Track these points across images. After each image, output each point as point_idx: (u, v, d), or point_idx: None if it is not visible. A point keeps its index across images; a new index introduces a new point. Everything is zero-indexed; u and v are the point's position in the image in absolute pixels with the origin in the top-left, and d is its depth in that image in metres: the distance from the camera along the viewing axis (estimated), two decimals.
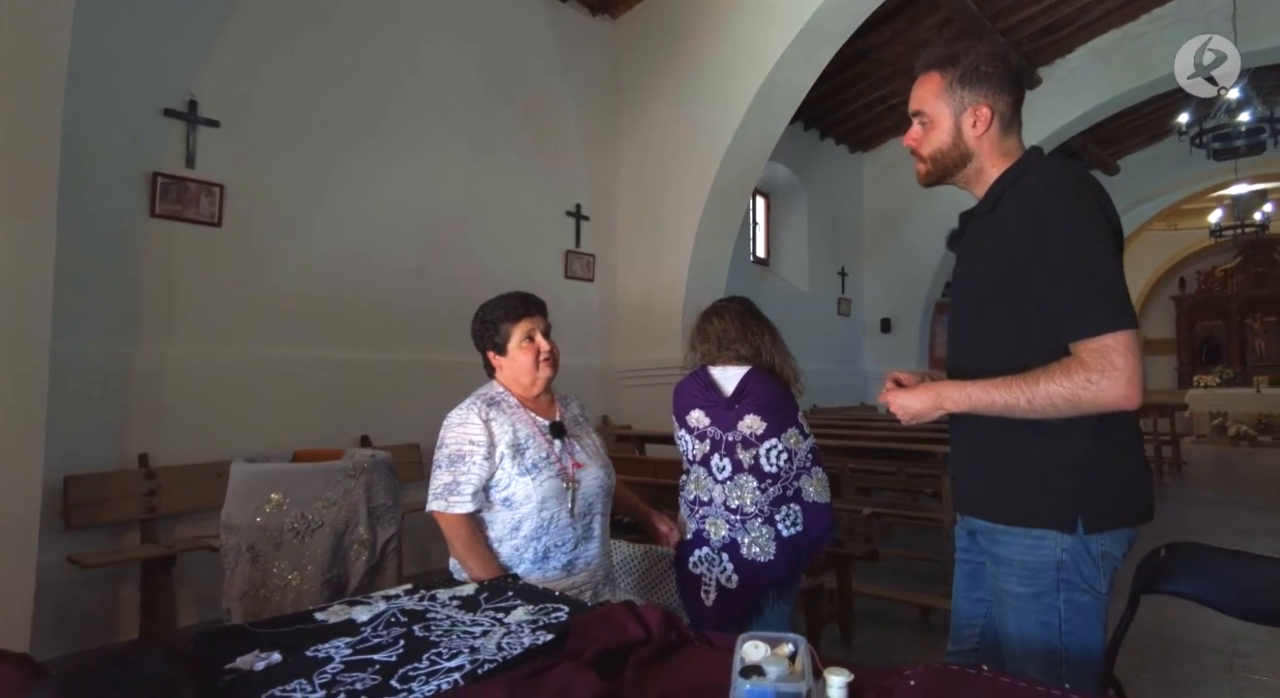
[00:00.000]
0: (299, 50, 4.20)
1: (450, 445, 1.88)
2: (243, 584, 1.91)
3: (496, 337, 2.00)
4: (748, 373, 2.07)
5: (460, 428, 1.89)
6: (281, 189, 4.10)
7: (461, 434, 1.88)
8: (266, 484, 1.96)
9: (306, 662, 1.15)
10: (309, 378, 4.15)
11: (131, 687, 1.03)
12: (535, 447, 1.95)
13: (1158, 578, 1.58)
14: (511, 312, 2.02)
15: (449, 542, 1.78)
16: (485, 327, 2.03)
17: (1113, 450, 1.25)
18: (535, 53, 5.64)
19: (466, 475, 1.83)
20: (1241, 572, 1.56)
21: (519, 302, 2.06)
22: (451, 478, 1.83)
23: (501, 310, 2.01)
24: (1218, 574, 1.57)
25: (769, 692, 0.91)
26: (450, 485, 1.82)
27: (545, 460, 1.94)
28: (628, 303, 6.11)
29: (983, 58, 1.35)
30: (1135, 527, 1.27)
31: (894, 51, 7.47)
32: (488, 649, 1.14)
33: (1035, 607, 1.25)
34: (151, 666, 1.10)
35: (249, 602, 1.90)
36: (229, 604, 1.96)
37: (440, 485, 1.84)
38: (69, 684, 1.05)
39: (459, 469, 1.84)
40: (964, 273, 1.43)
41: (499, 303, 2.04)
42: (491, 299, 2.09)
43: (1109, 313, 1.16)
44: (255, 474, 2.01)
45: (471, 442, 1.86)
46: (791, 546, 2.02)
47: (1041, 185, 1.26)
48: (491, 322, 2.01)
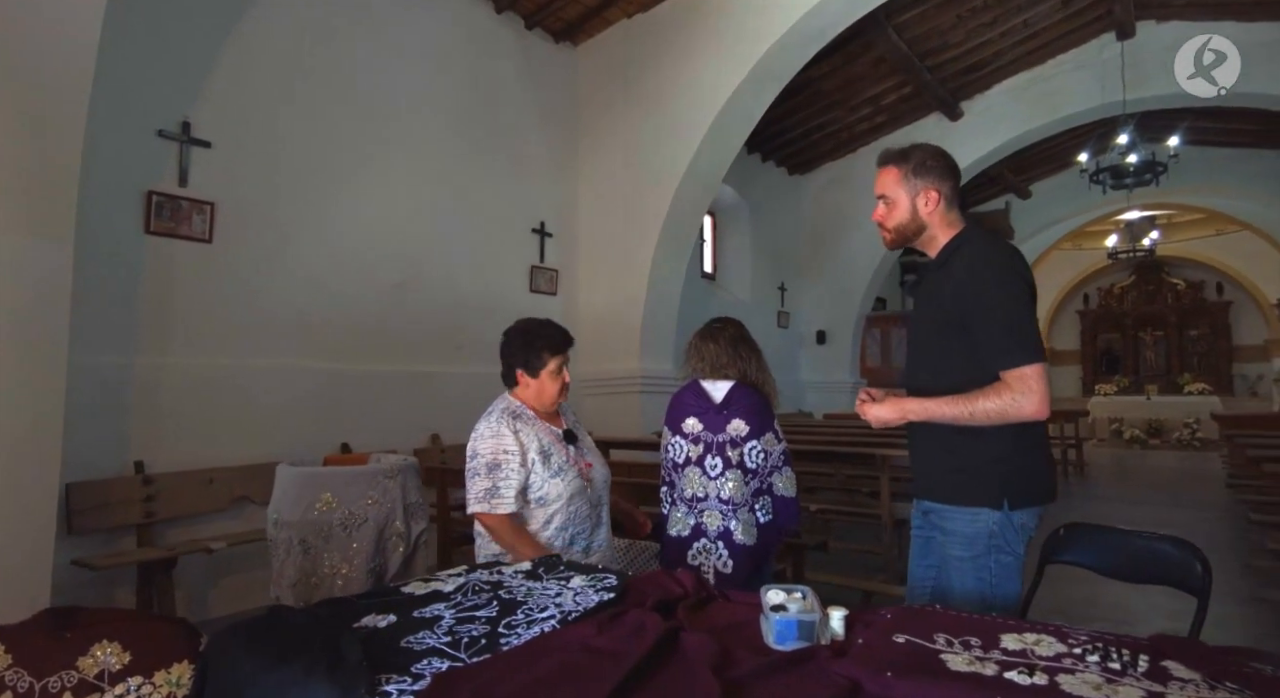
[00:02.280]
0: (285, 77, 4.39)
1: (486, 455, 2.14)
2: (295, 573, 2.16)
3: (535, 360, 2.27)
4: (734, 386, 2.45)
5: (494, 440, 2.16)
6: (269, 207, 4.29)
7: (496, 445, 2.15)
8: (318, 485, 2.22)
9: (420, 620, 1.45)
10: (294, 388, 4.34)
11: (299, 640, 1.31)
12: (557, 453, 2.27)
13: (1058, 551, 2.03)
14: (555, 344, 2.30)
15: (496, 536, 2.07)
16: (528, 349, 2.27)
17: (1028, 449, 1.70)
18: (504, 78, 5.94)
19: (506, 481, 2.11)
20: (1116, 542, 2.02)
21: (562, 335, 2.34)
22: (492, 483, 2.11)
23: (546, 340, 2.28)
24: (1100, 545, 2.03)
25: (792, 621, 1.28)
26: (491, 490, 2.10)
27: (567, 463, 2.27)
28: (589, 316, 6.44)
29: (928, 154, 1.79)
30: (1043, 504, 1.72)
31: (832, 84, 8.07)
32: (568, 604, 1.47)
33: (973, 566, 1.68)
34: (302, 624, 1.39)
35: (301, 589, 2.15)
36: (278, 591, 2.20)
37: (482, 490, 2.10)
38: (243, 640, 1.33)
39: (498, 475, 2.12)
40: (921, 313, 1.87)
41: (543, 330, 2.30)
42: (532, 320, 2.35)
43: (1026, 352, 1.62)
44: (307, 476, 2.26)
45: (506, 451, 2.15)
46: (767, 530, 2.41)
47: (980, 257, 1.71)
48: (535, 347, 2.26)
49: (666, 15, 6.09)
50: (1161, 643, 1.18)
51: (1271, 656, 1.11)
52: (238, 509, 4.03)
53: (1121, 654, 1.14)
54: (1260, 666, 1.07)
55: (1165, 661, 1.13)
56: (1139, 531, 2.03)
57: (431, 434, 5.15)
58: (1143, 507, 6.82)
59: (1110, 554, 2.03)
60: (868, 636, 1.27)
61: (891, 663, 1.14)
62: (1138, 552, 1.99)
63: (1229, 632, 3.33)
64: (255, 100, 4.25)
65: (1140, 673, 1.09)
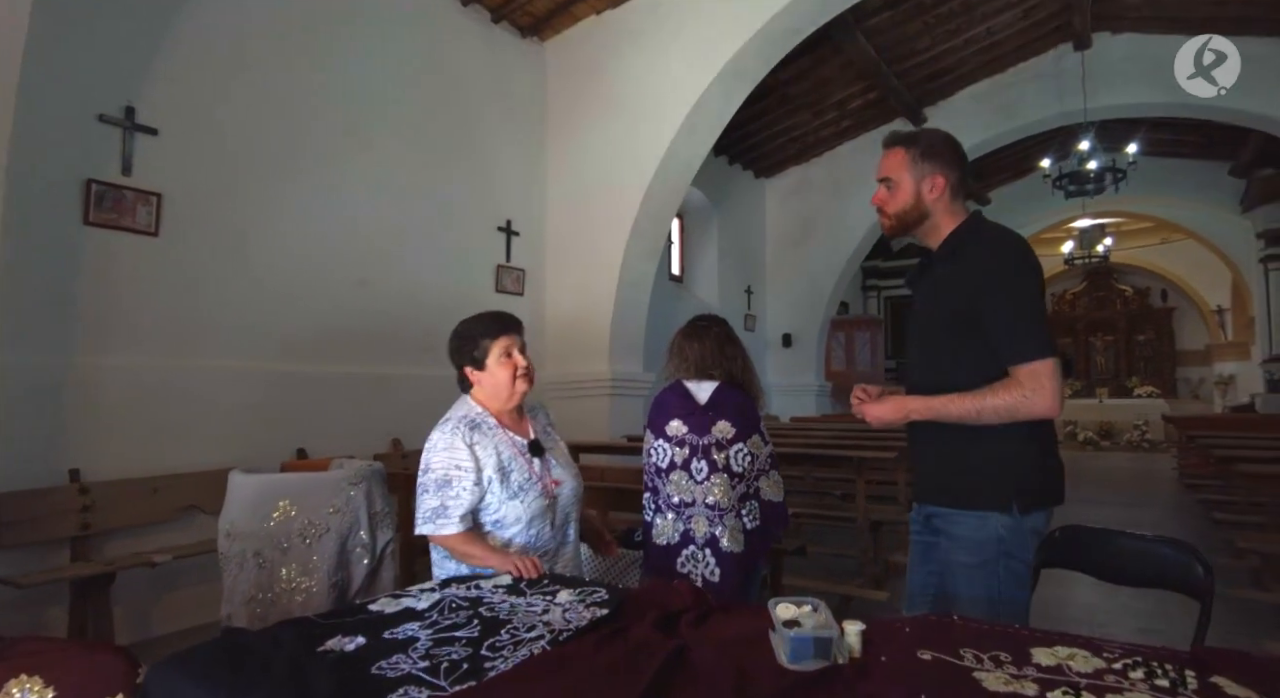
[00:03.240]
0: (240, 63, 4.17)
1: (437, 470, 1.93)
2: (249, 589, 1.98)
3: (475, 352, 2.07)
4: (720, 386, 2.34)
5: (446, 453, 1.95)
6: (221, 200, 4.05)
7: (448, 459, 1.94)
8: (276, 493, 2.04)
9: (392, 642, 1.31)
10: (248, 390, 4.11)
11: (258, 669, 1.16)
12: (519, 469, 2.05)
13: (1055, 555, 1.97)
14: (490, 328, 2.10)
15: (456, 554, 1.90)
16: (464, 342, 2.09)
17: (1038, 450, 1.62)
18: (469, 72, 5.77)
19: (455, 500, 1.91)
20: (1115, 546, 1.96)
21: (497, 319, 2.16)
22: (439, 502, 1.91)
23: (480, 327, 2.09)
24: (1098, 549, 1.96)
25: (808, 638, 1.17)
26: (438, 510, 1.90)
27: (529, 482, 2.04)
28: (556, 317, 6.29)
29: (938, 139, 1.71)
30: (1054, 507, 1.64)
31: (799, 88, 8.08)
32: (558, 622, 1.34)
33: (981, 574, 1.59)
34: (260, 650, 1.23)
35: (256, 606, 1.97)
36: (230, 609, 2.01)
37: (429, 510, 1.90)
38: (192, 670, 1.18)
39: (447, 494, 1.91)
40: (925, 307, 1.77)
41: (478, 320, 2.12)
42: (470, 316, 2.17)
43: (1039, 346, 1.53)
44: (265, 484, 2.08)
45: (458, 467, 1.94)
46: (755, 537, 2.31)
47: (994, 246, 1.62)
48: (471, 337, 2.08)
49: (636, 12, 6.00)
50: (1206, 656, 1.10)
51: None
52: (185, 519, 3.78)
53: (1166, 670, 1.06)
54: None
55: (1214, 676, 1.05)
56: (1138, 533, 1.98)
57: (393, 439, 4.95)
58: (1105, 507, 6.92)
59: (1109, 558, 1.96)
60: (890, 653, 1.17)
61: (923, 684, 1.04)
62: (1137, 555, 1.93)
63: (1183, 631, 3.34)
64: (206, 87, 4.01)
65: (1191, 692, 1.01)
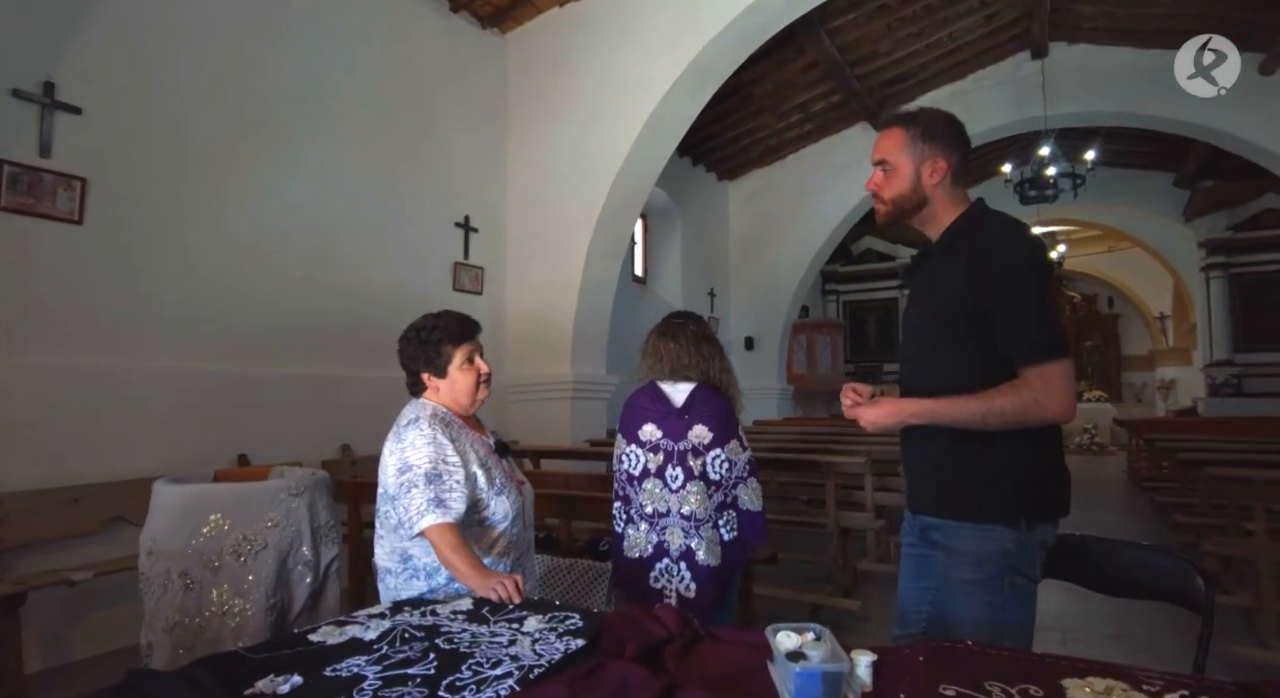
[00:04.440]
0: (177, 38, 3.88)
1: (423, 465, 1.78)
2: (173, 614, 1.75)
3: (437, 358, 1.94)
4: (696, 387, 2.20)
5: (430, 447, 1.80)
6: (155, 187, 3.76)
7: (434, 453, 1.80)
8: (206, 505, 1.82)
9: (334, 682, 1.13)
10: (183, 393, 3.82)
11: None
12: (494, 466, 1.95)
13: (1052, 567, 1.86)
14: (454, 333, 1.96)
15: (436, 549, 1.72)
16: (424, 348, 1.94)
17: (1045, 457, 1.51)
18: (426, 61, 5.54)
19: (450, 493, 1.76)
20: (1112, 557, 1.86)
21: (460, 323, 2.00)
22: (434, 494, 1.75)
23: (442, 332, 1.95)
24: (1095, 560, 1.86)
25: (816, 673, 1.02)
26: (434, 501, 1.74)
27: (505, 480, 1.95)
28: (517, 317, 6.08)
29: (939, 119, 1.59)
30: (1061, 518, 1.53)
31: (762, 89, 8.03)
32: (527, 656, 1.17)
33: (984, 591, 1.47)
34: (172, 695, 1.04)
35: (181, 633, 1.75)
36: (151, 637, 1.78)
37: (424, 502, 1.74)
38: None
39: (440, 486, 1.76)
40: (920, 304, 1.65)
41: (437, 323, 1.97)
42: (424, 318, 2.01)
43: (1052, 346, 1.42)
44: (194, 495, 1.86)
45: (445, 461, 1.80)
46: (732, 549, 2.17)
47: (1003, 238, 1.50)
48: (433, 343, 1.93)
49: (600, 5, 5.84)
50: (1256, 687, 0.99)
51: None
52: (111, 533, 3.48)
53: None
54: None
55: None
56: (1135, 543, 1.90)
57: (341, 444, 4.69)
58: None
59: (1105, 569, 1.88)
60: (908, 688, 1.03)
61: None
62: (1134, 566, 1.85)
63: (1167, 634, 3.32)
64: (138, 65, 3.72)
65: None
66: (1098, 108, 7.97)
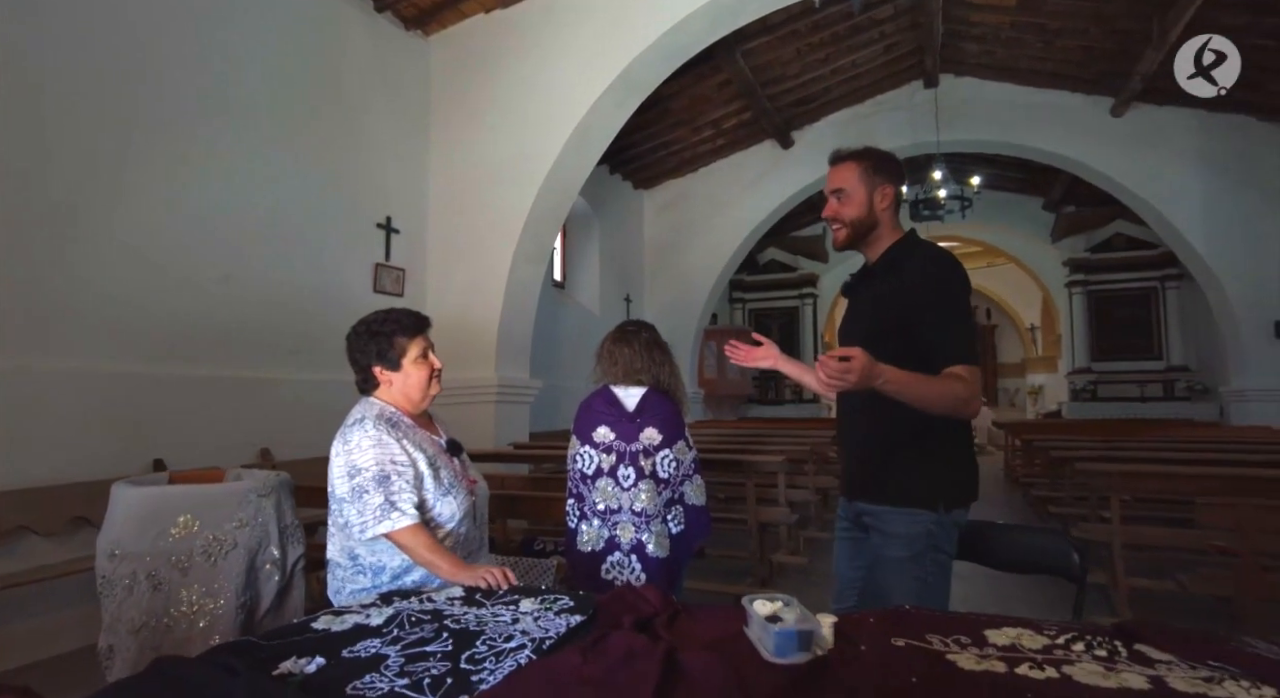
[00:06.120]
0: (90, 31, 3.71)
1: (371, 467, 1.81)
2: (140, 615, 1.74)
3: (390, 351, 1.96)
4: (647, 392, 2.37)
5: (377, 449, 1.83)
6: (63, 182, 3.57)
7: (380, 455, 1.82)
8: (175, 506, 1.82)
9: (356, 662, 1.22)
10: (89, 395, 3.64)
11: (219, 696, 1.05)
12: (444, 466, 2.00)
13: (961, 550, 2.15)
14: (407, 326, 2.00)
15: (409, 553, 1.79)
16: (376, 340, 1.96)
17: (960, 451, 1.78)
18: (348, 60, 5.46)
19: (400, 494, 1.80)
20: (1007, 539, 2.17)
21: (413, 316, 2.05)
22: (383, 498, 1.78)
23: (395, 324, 1.98)
24: (993, 543, 2.17)
25: (792, 632, 1.21)
26: (385, 506, 1.77)
27: (454, 479, 2.01)
28: (439, 320, 5.91)
29: (885, 155, 1.85)
30: (972, 503, 1.80)
31: (680, 103, 8.32)
32: (534, 630, 1.30)
33: (912, 566, 1.71)
34: (210, 677, 1.11)
35: (147, 634, 1.74)
36: (112, 640, 1.76)
37: (375, 507, 1.77)
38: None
39: (389, 488, 1.79)
40: (862, 315, 1.88)
41: (389, 317, 2.00)
42: (375, 313, 2.04)
43: (972, 352, 1.68)
44: (160, 497, 1.84)
45: (393, 461, 1.83)
46: (679, 542, 2.35)
47: (938, 260, 1.77)
48: (385, 335, 1.95)
49: (527, 15, 5.93)
50: (1127, 627, 1.26)
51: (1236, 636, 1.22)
52: (10, 544, 3.29)
53: (1100, 642, 1.20)
54: (1254, 643, 1.16)
55: (1138, 644, 1.20)
56: (1022, 526, 2.22)
57: (261, 449, 4.56)
58: None
59: (1002, 549, 2.19)
60: (867, 641, 1.24)
61: (910, 669, 1.11)
62: (1024, 546, 2.17)
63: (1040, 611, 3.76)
64: (49, 57, 3.53)
65: (1126, 658, 1.15)
66: (981, 136, 8.72)
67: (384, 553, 1.85)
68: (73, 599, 3.41)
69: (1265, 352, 7.95)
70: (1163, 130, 8.05)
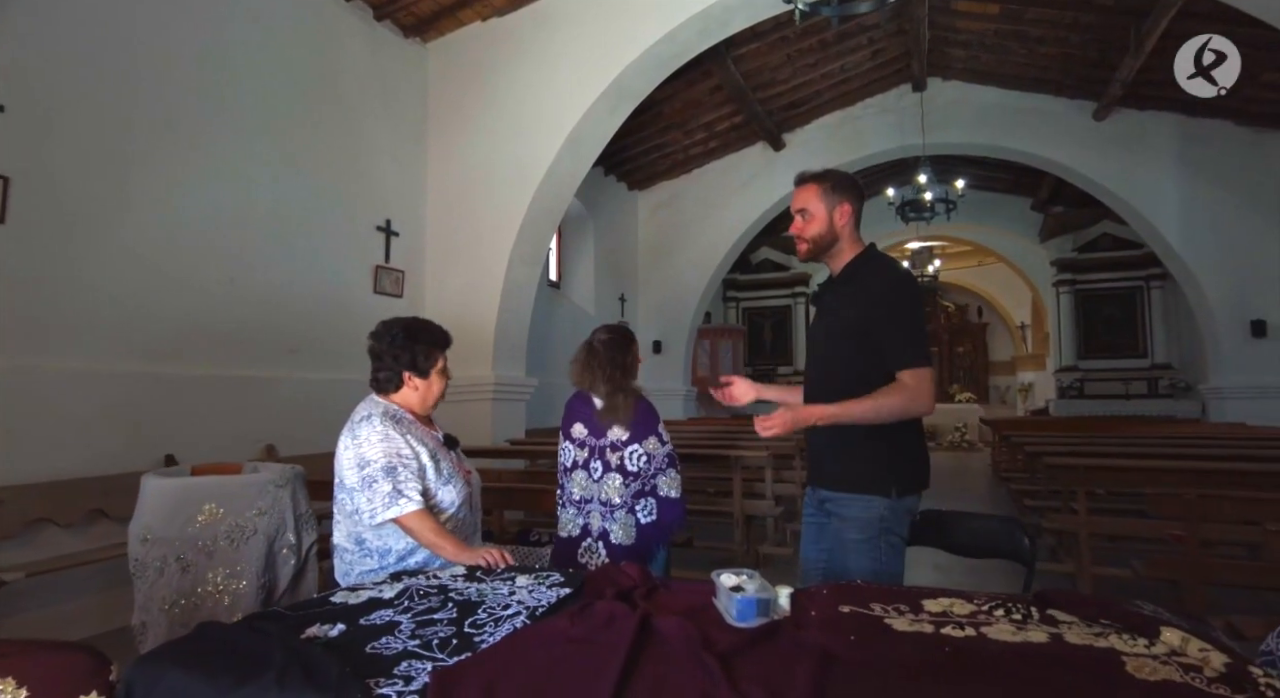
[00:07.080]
0: (99, 38, 3.87)
1: (379, 459, 1.98)
2: (171, 594, 1.92)
3: (425, 361, 2.15)
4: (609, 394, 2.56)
5: (384, 443, 2.00)
6: (76, 186, 3.74)
7: (388, 448, 2.00)
8: (201, 496, 2.00)
9: (372, 627, 1.40)
10: (102, 394, 3.80)
11: (257, 654, 1.22)
12: (443, 458, 2.20)
13: (918, 535, 2.34)
14: (440, 341, 2.21)
15: (416, 536, 1.97)
16: (417, 347, 2.15)
17: (910, 445, 1.97)
18: (349, 67, 5.62)
19: (408, 483, 1.99)
20: (962, 525, 2.37)
21: (445, 333, 2.28)
22: (392, 485, 1.97)
23: (431, 336, 2.19)
24: (950, 528, 2.36)
25: (752, 600, 1.40)
26: (393, 494, 1.95)
27: (452, 470, 2.21)
28: (437, 320, 6.20)
29: (844, 176, 2.04)
30: (922, 491, 1.99)
31: (672, 107, 8.49)
32: (529, 600, 1.49)
33: (867, 548, 1.90)
34: (249, 639, 1.29)
35: (179, 611, 1.92)
36: (145, 617, 1.94)
37: (384, 495, 1.95)
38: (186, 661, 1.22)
39: (397, 477, 1.98)
40: (826, 321, 2.07)
41: (429, 328, 2.20)
42: (413, 320, 2.24)
43: (923, 355, 1.87)
44: (187, 487, 2.02)
45: (399, 454, 2.02)
46: (649, 531, 2.54)
47: (891, 272, 1.96)
48: (426, 344, 2.15)
49: (522, 23, 6.10)
50: (1044, 596, 1.45)
51: (1131, 601, 1.41)
52: (32, 534, 3.46)
53: (1018, 607, 1.39)
54: (1142, 605, 1.35)
55: (1050, 609, 1.39)
56: (978, 513, 2.41)
57: (266, 445, 4.73)
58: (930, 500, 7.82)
59: (958, 535, 2.38)
60: (818, 608, 1.42)
61: (850, 629, 1.30)
62: (979, 532, 2.36)
63: None
64: (59, 63, 3.69)
65: (1037, 620, 1.34)
66: (968, 139, 8.90)
67: (390, 537, 2.04)
68: (92, 586, 3.58)
69: (1242, 350, 8.16)
70: (1144, 134, 8.25)
